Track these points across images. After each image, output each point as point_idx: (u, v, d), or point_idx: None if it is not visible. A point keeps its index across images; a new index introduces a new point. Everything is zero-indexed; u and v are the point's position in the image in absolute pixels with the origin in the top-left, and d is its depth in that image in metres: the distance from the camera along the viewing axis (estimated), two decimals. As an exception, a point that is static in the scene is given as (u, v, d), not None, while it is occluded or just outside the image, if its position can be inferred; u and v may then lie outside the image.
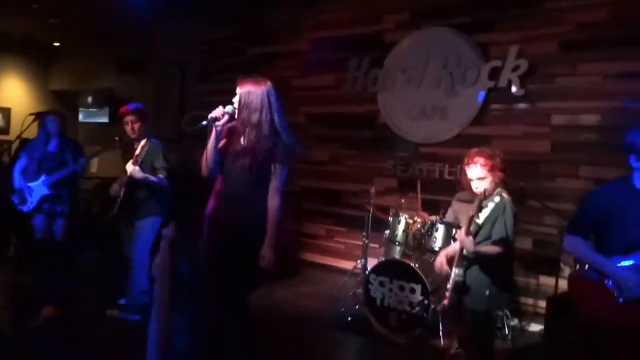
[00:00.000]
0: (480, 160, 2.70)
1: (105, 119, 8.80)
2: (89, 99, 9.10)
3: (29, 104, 9.32)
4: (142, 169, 3.80)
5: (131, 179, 3.79)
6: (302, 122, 6.50)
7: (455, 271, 2.70)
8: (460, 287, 2.69)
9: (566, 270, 4.34)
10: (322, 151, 6.30)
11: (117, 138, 4.27)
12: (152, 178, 3.83)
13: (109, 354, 3.36)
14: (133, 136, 3.98)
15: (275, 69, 6.67)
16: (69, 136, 4.72)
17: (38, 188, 4.20)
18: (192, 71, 7.42)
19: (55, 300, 3.91)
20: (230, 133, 2.74)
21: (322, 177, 6.30)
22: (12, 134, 8.80)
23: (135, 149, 3.90)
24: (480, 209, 2.61)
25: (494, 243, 2.62)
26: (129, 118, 3.94)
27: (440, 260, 2.91)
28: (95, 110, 9.02)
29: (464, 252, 2.70)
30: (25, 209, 4.21)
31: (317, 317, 4.40)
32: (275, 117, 2.69)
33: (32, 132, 4.53)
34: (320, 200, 6.32)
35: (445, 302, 2.73)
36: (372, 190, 4.73)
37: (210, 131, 2.65)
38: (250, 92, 2.66)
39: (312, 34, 6.40)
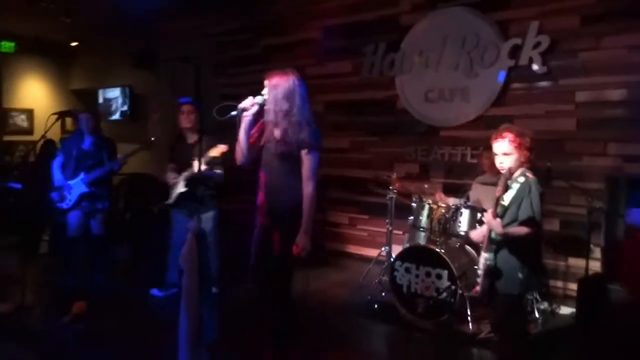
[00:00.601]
0: (509, 135, 2.64)
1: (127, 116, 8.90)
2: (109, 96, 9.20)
3: (50, 104, 9.50)
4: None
5: (195, 173, 3.89)
6: (320, 110, 6.45)
7: (485, 255, 2.66)
8: (492, 271, 2.64)
9: (596, 251, 4.25)
10: (342, 139, 6.27)
11: (152, 139, 4.53)
12: (216, 172, 4.00)
13: (140, 347, 3.41)
14: (188, 126, 4.14)
15: (290, 59, 6.62)
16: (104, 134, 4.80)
17: (77, 186, 4.29)
18: (206, 65, 7.42)
19: (87, 296, 3.98)
20: (265, 125, 2.82)
21: (343, 165, 6.27)
22: (36, 134, 8.98)
23: (186, 144, 4.08)
24: (506, 188, 2.56)
25: (522, 224, 2.56)
26: (187, 108, 4.11)
27: (477, 234, 2.86)
28: (115, 107, 9.12)
29: (492, 235, 2.66)
30: (64, 206, 4.29)
31: (343, 305, 4.40)
32: (303, 106, 2.76)
33: (55, 132, 4.61)
34: (342, 189, 6.30)
35: (478, 288, 2.69)
36: (394, 176, 4.69)
37: (240, 121, 2.74)
38: (278, 83, 2.74)
39: (325, 21, 6.33)
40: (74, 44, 9.31)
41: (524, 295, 2.90)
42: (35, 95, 9.67)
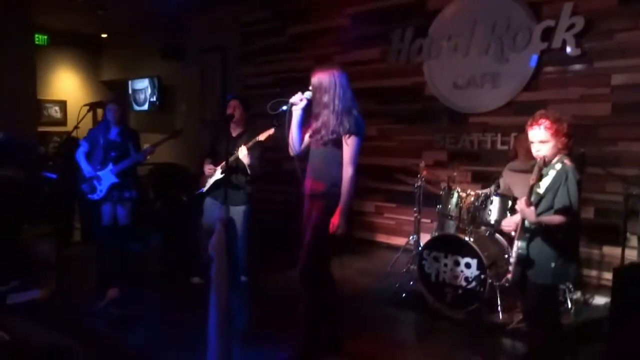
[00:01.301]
0: (545, 122, 2.54)
1: (155, 106, 9.03)
2: (138, 87, 9.35)
3: (82, 95, 9.71)
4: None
5: (235, 163, 3.94)
6: (346, 98, 6.42)
7: (518, 244, 2.60)
8: (524, 260, 2.59)
9: (633, 240, 4.12)
10: (370, 127, 6.05)
11: (179, 129, 4.64)
12: (257, 167, 4.00)
13: (172, 332, 3.49)
14: (235, 119, 4.16)
15: (316, 47, 6.60)
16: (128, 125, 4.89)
17: (106, 177, 4.36)
18: (233, 55, 7.45)
19: (120, 282, 4.09)
20: (311, 117, 2.99)
21: (370, 153, 6.19)
22: (69, 125, 9.21)
23: (230, 135, 4.08)
24: (540, 176, 2.49)
25: (557, 212, 2.49)
26: (232, 102, 4.15)
27: (508, 223, 2.80)
28: (144, 97, 9.26)
29: (526, 223, 2.60)
30: (95, 197, 4.38)
31: (371, 293, 4.40)
32: (344, 96, 2.91)
33: (87, 123, 4.70)
34: (369, 177, 6.25)
35: (509, 276, 2.64)
36: (422, 164, 4.63)
37: (291, 115, 2.96)
38: (320, 77, 2.92)
39: (351, 8, 6.25)
40: (104, 35, 9.47)
41: (557, 285, 2.83)
42: (68, 86, 9.89)
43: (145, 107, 9.22)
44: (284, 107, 2.93)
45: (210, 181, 4.14)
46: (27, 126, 7.59)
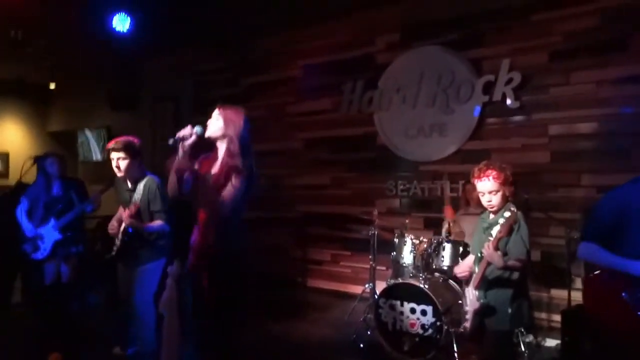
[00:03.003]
0: (492, 172, 2.67)
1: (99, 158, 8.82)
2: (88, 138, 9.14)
3: (26, 147, 9.34)
4: (141, 213, 3.46)
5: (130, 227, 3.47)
6: (299, 147, 6.51)
7: (476, 293, 2.64)
8: (484, 309, 2.62)
9: (577, 282, 4.28)
10: (322, 175, 6.30)
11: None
12: (153, 227, 3.45)
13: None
14: (120, 175, 3.54)
15: (270, 97, 6.72)
16: (70, 176, 4.68)
17: (49, 233, 4.13)
18: (186, 104, 7.46)
19: (61, 346, 3.83)
20: (205, 157, 2.76)
21: (324, 201, 6.28)
22: (12, 178, 8.80)
23: (125, 190, 3.57)
24: (510, 229, 2.54)
25: (516, 260, 2.58)
26: (114, 155, 3.48)
27: (462, 269, 2.85)
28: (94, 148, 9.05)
29: (487, 271, 2.65)
30: (39, 256, 4.13)
31: (328, 344, 4.32)
32: (245, 142, 2.70)
33: (31, 176, 4.52)
34: (324, 225, 6.28)
35: (467, 325, 2.67)
36: (375, 212, 4.70)
37: (177, 150, 2.63)
38: (229, 116, 2.77)
39: (304, 60, 6.45)
40: (52, 85, 9.27)
41: (513, 330, 2.89)
42: (11, 137, 9.52)
43: (96, 157, 8.98)
44: (170, 142, 2.61)
45: (115, 245, 3.58)
46: (-35, 179, 7.22)
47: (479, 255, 2.69)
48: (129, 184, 3.56)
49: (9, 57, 7.17)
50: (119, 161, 3.48)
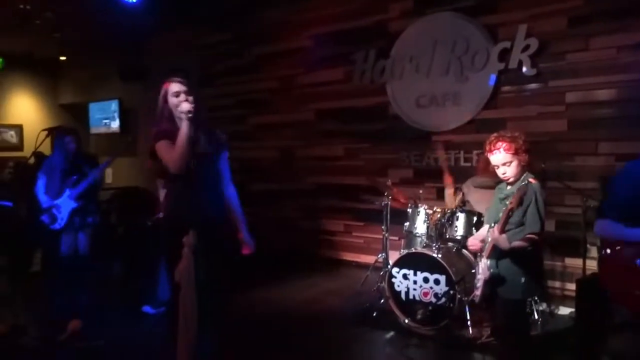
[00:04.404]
0: (502, 144, 2.61)
1: (115, 129, 8.84)
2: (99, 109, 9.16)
3: (40, 119, 9.42)
4: None
5: None
6: (311, 118, 6.47)
7: (487, 262, 2.63)
8: (494, 279, 2.62)
9: (593, 251, 4.25)
10: (335, 146, 6.26)
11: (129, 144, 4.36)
12: None
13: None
14: None
15: (279, 68, 6.65)
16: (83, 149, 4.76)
17: (65, 203, 4.24)
18: (195, 76, 7.41)
19: (81, 314, 3.93)
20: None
21: (336, 172, 6.26)
22: (26, 150, 8.90)
23: None
24: (521, 201, 2.50)
25: (529, 232, 2.54)
26: None
27: (473, 243, 2.83)
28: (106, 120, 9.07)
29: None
30: (57, 226, 4.25)
31: (341, 313, 4.37)
32: None
33: (45, 148, 4.55)
34: (336, 196, 6.28)
35: (477, 293, 2.67)
36: (389, 182, 4.68)
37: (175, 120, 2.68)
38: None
39: (314, 29, 6.34)
40: (62, 58, 9.25)
41: (526, 299, 2.88)
42: (24, 110, 9.59)
43: (107, 129, 9.01)
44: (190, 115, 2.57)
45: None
46: (-20, 152, 7.31)
47: (493, 225, 2.67)
48: None
49: (19, 31, 7.15)
50: None
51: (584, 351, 3.40)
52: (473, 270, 3.92)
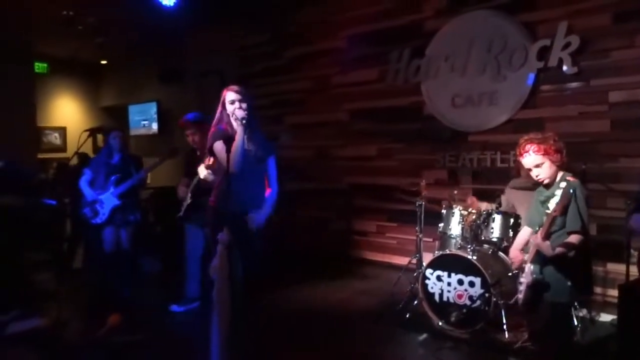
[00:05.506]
0: (532, 147, 2.58)
1: (154, 130, 9.06)
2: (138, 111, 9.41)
3: (82, 121, 9.76)
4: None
5: (200, 183, 3.86)
6: (346, 119, 6.47)
7: (531, 267, 2.57)
8: (538, 284, 2.55)
9: (636, 256, 4.10)
10: (369, 146, 6.24)
11: (174, 148, 4.65)
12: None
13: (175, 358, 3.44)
14: (195, 147, 4.22)
15: (315, 68, 6.68)
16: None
17: (108, 199, 4.37)
18: (231, 78, 7.51)
19: (121, 309, 4.04)
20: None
21: (370, 172, 6.24)
22: (69, 151, 9.23)
23: (198, 158, 3.98)
24: (565, 208, 2.44)
25: (570, 233, 2.47)
26: (188, 131, 4.23)
27: (515, 255, 2.78)
28: (145, 121, 9.31)
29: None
30: (98, 220, 4.37)
31: (375, 314, 4.35)
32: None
33: (87, 149, 4.73)
34: (369, 197, 6.26)
35: (520, 296, 2.61)
36: (423, 183, 4.63)
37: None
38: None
39: (349, 30, 6.34)
40: (103, 62, 9.56)
41: (573, 303, 2.80)
42: (68, 113, 9.95)
43: (146, 131, 9.24)
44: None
45: (184, 205, 4.13)
46: (27, 153, 7.62)
47: (537, 229, 2.61)
48: (199, 152, 4.11)
49: (63, 36, 7.44)
50: (193, 136, 4.21)
51: (626, 359, 3.27)
52: (510, 274, 3.85)
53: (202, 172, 3.82)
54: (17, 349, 3.33)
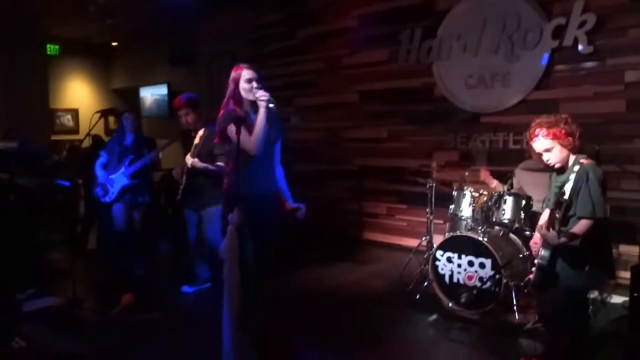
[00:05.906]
0: (542, 131, 2.53)
1: (165, 112, 9.08)
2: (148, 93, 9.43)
3: (94, 103, 9.83)
4: (201, 157, 3.93)
5: (192, 168, 3.96)
6: (356, 100, 6.42)
7: (542, 252, 2.54)
8: (544, 268, 2.52)
9: (650, 237, 4.05)
10: (380, 128, 6.20)
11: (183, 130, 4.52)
12: (211, 167, 3.94)
13: (185, 338, 3.49)
14: (189, 127, 4.17)
15: (326, 49, 6.62)
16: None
17: (118, 179, 4.41)
18: (243, 59, 7.46)
19: (134, 288, 4.10)
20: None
21: (380, 154, 6.21)
22: (82, 133, 9.30)
23: (193, 139, 4.01)
24: (560, 204, 2.39)
25: (580, 218, 2.43)
26: (181, 111, 4.15)
27: (535, 240, 2.75)
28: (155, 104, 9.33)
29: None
30: (107, 199, 4.42)
31: (385, 296, 4.37)
32: None
33: (99, 130, 4.76)
34: (380, 178, 6.24)
35: (531, 277, 2.59)
36: (434, 164, 4.59)
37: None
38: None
39: (360, 10, 6.25)
40: (114, 44, 9.57)
41: (588, 288, 2.76)
42: (80, 95, 10.01)
43: (156, 113, 9.27)
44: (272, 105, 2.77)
45: (181, 188, 4.14)
46: (40, 135, 7.69)
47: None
48: (194, 133, 4.06)
49: (74, 18, 7.44)
50: (186, 116, 4.15)
51: (637, 342, 3.26)
52: (521, 255, 3.84)
53: (189, 160, 3.94)
54: (33, 326, 3.40)
